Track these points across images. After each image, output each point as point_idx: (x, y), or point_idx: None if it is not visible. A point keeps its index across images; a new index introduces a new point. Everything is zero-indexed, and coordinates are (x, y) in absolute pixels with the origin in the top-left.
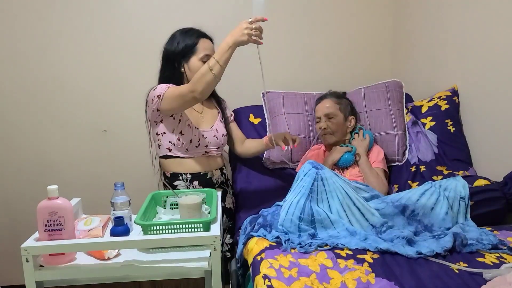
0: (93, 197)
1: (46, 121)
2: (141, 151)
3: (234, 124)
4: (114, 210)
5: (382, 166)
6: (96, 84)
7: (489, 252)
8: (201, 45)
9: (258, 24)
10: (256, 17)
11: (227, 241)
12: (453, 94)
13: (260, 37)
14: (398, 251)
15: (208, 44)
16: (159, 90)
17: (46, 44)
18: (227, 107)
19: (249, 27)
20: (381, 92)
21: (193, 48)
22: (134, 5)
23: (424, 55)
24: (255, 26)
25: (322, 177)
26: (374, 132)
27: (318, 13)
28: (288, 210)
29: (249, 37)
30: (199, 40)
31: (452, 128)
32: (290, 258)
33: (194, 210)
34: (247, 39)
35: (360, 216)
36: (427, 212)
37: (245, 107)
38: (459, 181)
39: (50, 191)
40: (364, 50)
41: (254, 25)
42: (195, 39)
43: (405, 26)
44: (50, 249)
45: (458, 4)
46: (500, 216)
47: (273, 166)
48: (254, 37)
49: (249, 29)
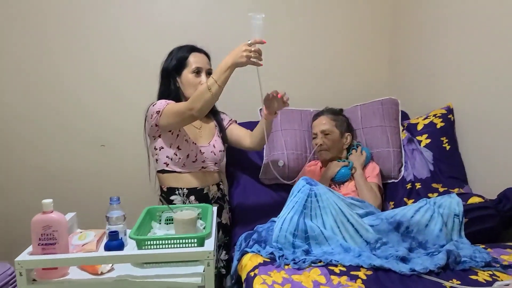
0: (90, 211)
1: (44, 135)
2: (139, 165)
3: (235, 125)
4: (109, 225)
5: (377, 181)
6: (95, 99)
7: (482, 269)
8: (192, 59)
9: (257, 46)
10: (256, 39)
11: (222, 257)
12: (448, 112)
13: (259, 59)
14: (391, 268)
15: (200, 58)
16: (159, 106)
17: (45, 59)
18: (225, 117)
19: (248, 49)
20: (377, 109)
21: (185, 61)
22: (134, 20)
23: (420, 73)
24: (254, 48)
25: (316, 193)
26: (370, 148)
27: (316, 30)
28: (281, 227)
29: (248, 59)
30: (190, 54)
31: (448, 145)
32: (283, 274)
33: (189, 225)
34: (245, 61)
35: (354, 233)
36: (421, 229)
37: (243, 123)
38: (454, 199)
39: (45, 205)
40: (362, 68)
41: (253, 47)
42: (186, 53)
43: (401, 44)
44: (43, 263)
45: (454, 24)
46: (494, 234)
47: (269, 182)
48: (253, 59)
49: (248, 51)
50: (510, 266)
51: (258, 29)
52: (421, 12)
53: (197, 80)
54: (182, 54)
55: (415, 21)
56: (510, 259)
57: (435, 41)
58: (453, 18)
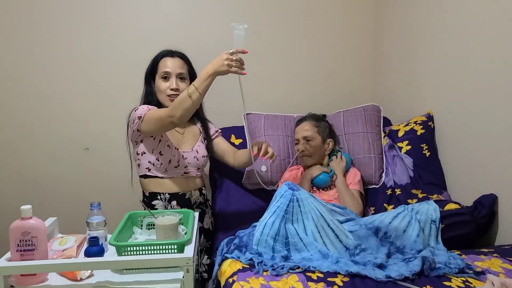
0: (72, 216)
1: (25, 138)
2: (122, 170)
3: (221, 138)
4: (89, 230)
5: (358, 188)
6: (78, 102)
7: (456, 276)
8: (162, 63)
9: (238, 55)
10: (237, 48)
11: (204, 261)
12: (428, 119)
13: (242, 68)
14: (368, 275)
15: (170, 62)
16: (140, 111)
17: (28, 60)
18: (212, 126)
19: (229, 58)
20: (360, 115)
21: (156, 66)
22: (119, 24)
23: (402, 81)
24: (236, 57)
25: (298, 198)
26: (352, 154)
27: (300, 37)
28: (263, 231)
29: (229, 68)
30: (161, 58)
31: (428, 152)
32: (261, 281)
33: (170, 230)
34: (226, 69)
35: (334, 238)
36: (399, 235)
37: (227, 128)
38: (431, 205)
39: (23, 211)
40: (345, 75)
41: (235, 56)
42: (159, 58)
43: (384, 52)
44: (21, 270)
45: (434, 34)
46: (470, 240)
47: (252, 187)
48: (234, 68)
49: (230, 60)
50: (483, 272)
51: (239, 39)
52: (403, 20)
53: (165, 85)
54: (155, 59)
55: (397, 28)
56: (483, 266)
57: (417, 50)
58: (434, 27)
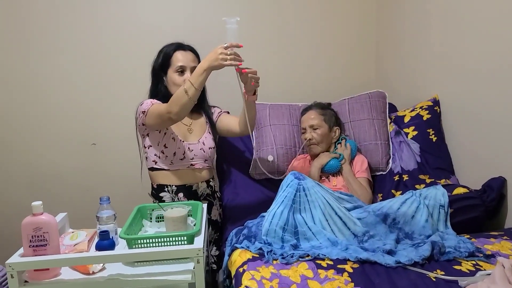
0: (82, 210)
1: (34, 134)
2: (130, 164)
3: (225, 115)
4: (99, 224)
5: (366, 176)
6: (85, 97)
7: (466, 259)
8: (175, 57)
9: (233, 49)
10: (232, 43)
11: (213, 253)
12: (434, 104)
13: (238, 60)
14: (377, 261)
15: (183, 56)
16: (144, 106)
17: (34, 58)
18: (216, 109)
19: (224, 52)
20: (365, 102)
21: (169, 60)
22: (123, 19)
23: (406, 66)
24: (230, 51)
25: (304, 187)
26: (358, 142)
27: (302, 25)
28: (272, 221)
29: (223, 62)
30: (174, 52)
31: (434, 137)
32: (271, 269)
33: (179, 222)
34: (220, 63)
35: (342, 225)
36: (408, 220)
37: None
38: (439, 190)
39: (34, 207)
40: (349, 61)
41: (229, 50)
42: (171, 51)
43: (388, 37)
44: (34, 265)
45: (439, 17)
46: (479, 224)
47: (259, 177)
48: (228, 61)
49: (224, 54)
50: (493, 255)
51: (233, 33)
52: (406, 4)
53: (181, 79)
54: (167, 52)
55: (401, 13)
56: (493, 249)
57: (421, 34)
58: (438, 11)
